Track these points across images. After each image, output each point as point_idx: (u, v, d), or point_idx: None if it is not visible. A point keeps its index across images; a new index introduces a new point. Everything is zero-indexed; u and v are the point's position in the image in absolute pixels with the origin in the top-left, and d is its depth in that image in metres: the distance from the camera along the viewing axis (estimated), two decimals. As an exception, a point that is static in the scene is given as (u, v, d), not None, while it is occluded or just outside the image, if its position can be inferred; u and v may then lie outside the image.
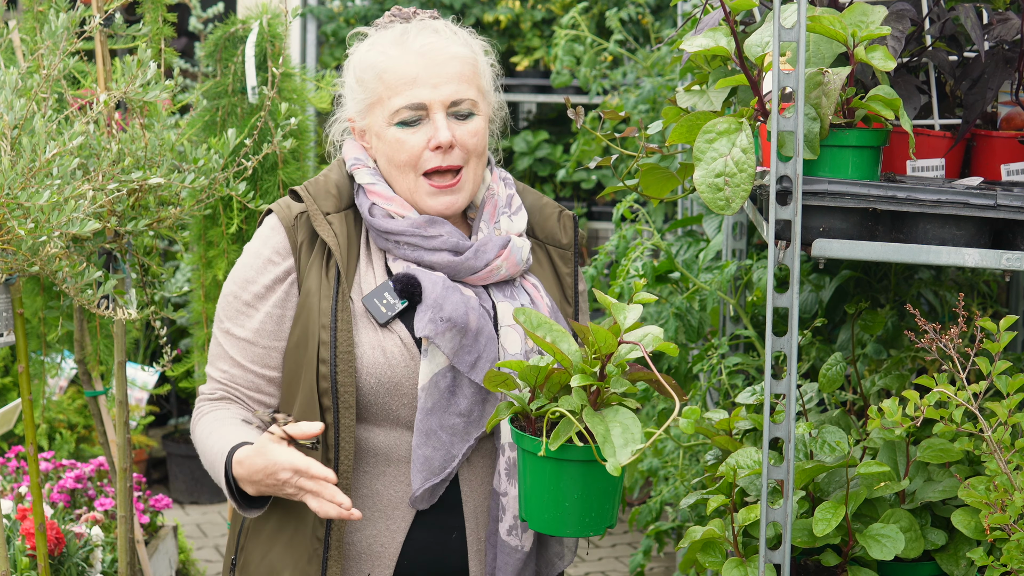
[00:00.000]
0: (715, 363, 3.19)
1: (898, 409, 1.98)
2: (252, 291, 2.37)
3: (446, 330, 2.29)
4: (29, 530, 3.41)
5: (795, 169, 1.92)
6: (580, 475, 2.09)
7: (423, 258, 2.36)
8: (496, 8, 6.44)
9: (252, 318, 2.36)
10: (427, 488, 2.31)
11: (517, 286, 2.42)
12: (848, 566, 2.14)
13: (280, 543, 2.35)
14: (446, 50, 2.36)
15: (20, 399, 2.98)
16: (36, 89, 2.55)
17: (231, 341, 2.38)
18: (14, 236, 2.44)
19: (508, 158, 6.62)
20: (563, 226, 2.52)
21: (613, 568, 5.38)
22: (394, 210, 2.37)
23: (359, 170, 2.41)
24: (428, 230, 2.36)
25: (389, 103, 2.35)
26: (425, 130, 2.35)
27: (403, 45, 2.36)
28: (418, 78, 2.33)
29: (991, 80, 2.25)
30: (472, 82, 2.38)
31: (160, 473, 6.26)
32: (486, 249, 2.37)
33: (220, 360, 2.40)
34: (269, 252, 2.37)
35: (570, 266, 2.51)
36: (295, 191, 2.41)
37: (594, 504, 2.12)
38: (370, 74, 2.37)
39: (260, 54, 3.46)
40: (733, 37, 2.01)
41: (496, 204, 2.45)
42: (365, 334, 2.32)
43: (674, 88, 4.49)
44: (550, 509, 2.13)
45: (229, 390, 2.39)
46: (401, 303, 2.33)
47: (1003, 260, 1.96)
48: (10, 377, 5.29)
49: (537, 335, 2.13)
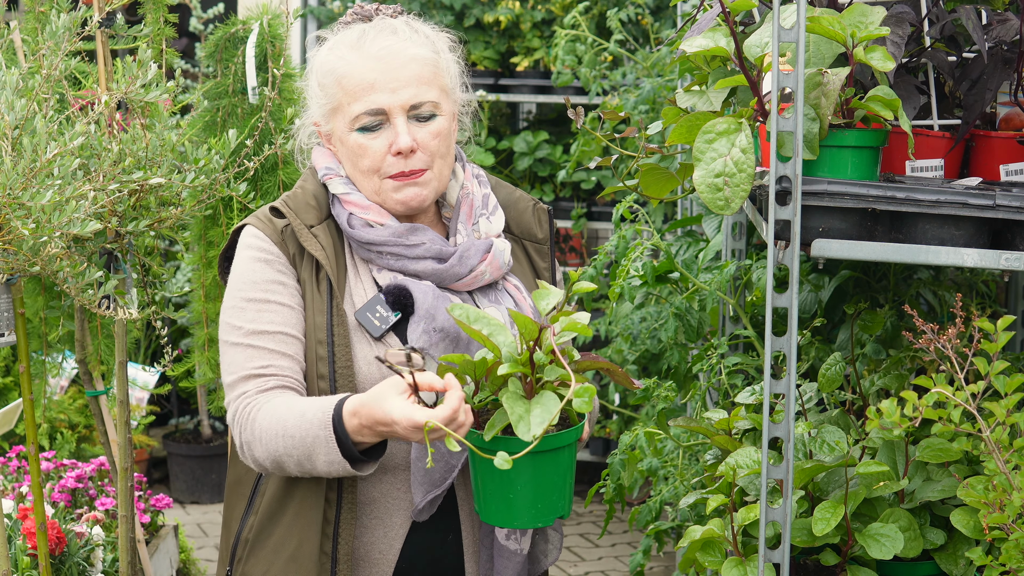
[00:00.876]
0: (715, 363, 3.19)
1: (897, 409, 1.99)
2: (266, 288, 2.30)
3: (439, 340, 2.28)
4: (30, 529, 3.42)
5: (794, 169, 1.92)
6: (524, 465, 2.05)
7: (407, 267, 2.34)
8: (496, 8, 6.44)
9: (279, 311, 2.29)
10: (428, 501, 2.30)
11: (500, 289, 2.42)
12: (847, 565, 2.14)
13: (282, 558, 2.29)
14: (404, 52, 2.31)
15: (21, 399, 2.98)
16: (37, 89, 2.55)
17: (265, 338, 2.27)
18: (16, 236, 2.45)
19: (508, 158, 6.62)
20: (538, 220, 2.50)
21: (613, 568, 5.38)
22: (372, 219, 2.34)
23: (332, 180, 2.38)
24: (410, 238, 2.33)
25: (349, 109, 2.31)
26: (386, 135, 2.31)
27: (360, 49, 2.31)
28: (376, 83, 2.29)
29: (990, 81, 2.25)
30: (433, 82, 2.33)
31: (161, 473, 6.26)
32: (470, 255, 2.36)
33: (255, 359, 2.27)
34: (266, 255, 2.32)
35: (547, 260, 2.50)
36: (275, 208, 2.35)
37: (542, 494, 2.09)
38: (330, 79, 2.34)
39: (261, 55, 3.46)
40: (732, 37, 2.02)
41: (472, 204, 2.42)
42: (360, 348, 2.30)
43: (674, 88, 4.49)
44: (497, 500, 2.10)
45: (281, 380, 2.27)
46: (394, 315, 2.30)
47: (1002, 260, 1.97)
48: (11, 377, 5.30)
49: (474, 328, 2.09)
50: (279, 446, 2.20)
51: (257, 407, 2.24)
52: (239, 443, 2.27)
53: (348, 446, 2.15)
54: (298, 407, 2.19)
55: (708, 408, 3.31)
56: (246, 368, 2.27)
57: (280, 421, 2.19)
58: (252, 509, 2.36)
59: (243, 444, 2.26)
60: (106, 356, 3.36)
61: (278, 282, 2.31)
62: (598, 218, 6.53)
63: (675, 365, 3.62)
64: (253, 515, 2.36)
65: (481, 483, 2.13)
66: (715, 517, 2.18)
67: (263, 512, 2.33)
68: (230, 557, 2.39)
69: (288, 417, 2.19)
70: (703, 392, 3.32)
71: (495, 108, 6.57)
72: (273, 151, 3.14)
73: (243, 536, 2.36)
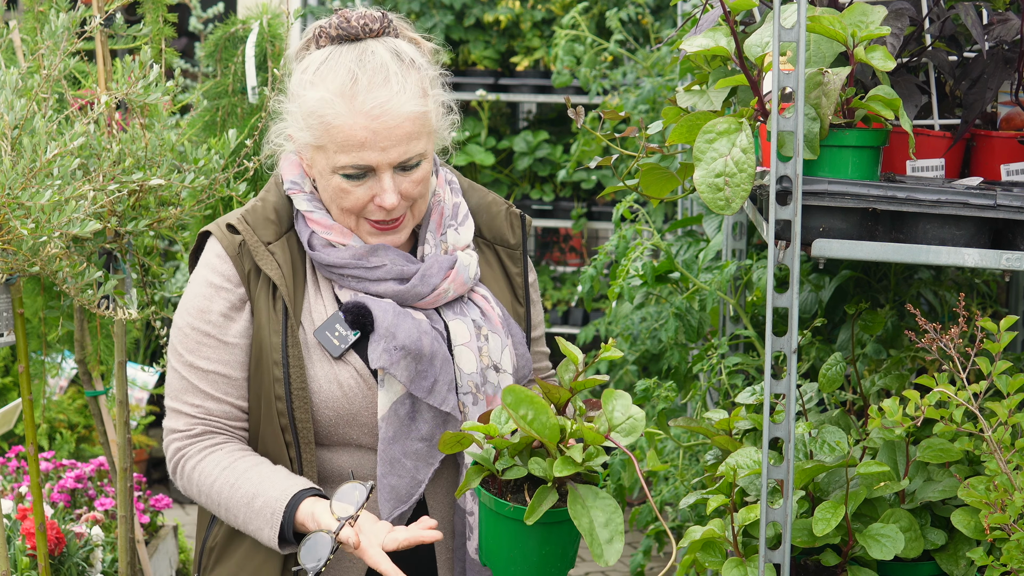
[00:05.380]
0: (715, 363, 3.19)
1: (898, 409, 1.98)
2: (210, 320, 2.28)
3: (400, 359, 2.25)
4: (29, 530, 3.41)
5: (795, 169, 1.92)
6: (543, 535, 2.11)
7: (368, 288, 2.31)
8: (496, 8, 6.44)
9: (217, 349, 2.28)
10: (396, 516, 2.29)
11: (467, 301, 2.38)
12: (848, 566, 2.14)
13: (249, 569, 2.31)
14: (398, 112, 2.21)
15: (20, 399, 2.98)
16: (37, 89, 2.55)
17: (198, 375, 2.29)
18: (15, 236, 2.44)
19: (508, 158, 6.62)
20: (511, 225, 2.47)
21: (613, 568, 5.38)
22: (335, 239, 2.31)
23: (296, 195, 2.33)
24: (370, 260, 2.30)
25: (335, 157, 2.24)
26: (371, 185, 2.26)
27: (352, 100, 2.21)
28: (366, 142, 2.21)
29: (991, 80, 2.25)
30: (422, 133, 2.26)
31: (160, 473, 6.25)
32: (431, 273, 2.32)
33: (188, 394, 2.30)
34: (219, 279, 2.29)
35: (519, 265, 2.47)
36: (231, 224, 2.31)
37: (556, 557, 2.14)
38: (315, 120, 2.24)
39: (260, 54, 3.46)
40: (733, 37, 2.01)
41: (443, 213, 2.39)
42: (320, 367, 2.28)
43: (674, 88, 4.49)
44: (514, 564, 2.15)
45: (208, 424, 2.31)
46: (354, 334, 2.28)
47: (1003, 260, 1.96)
48: (10, 377, 5.29)
49: (519, 414, 2.07)
50: (220, 513, 2.29)
51: (192, 463, 2.31)
52: (172, 477, 2.37)
53: (288, 538, 2.21)
54: (243, 489, 2.24)
55: (708, 408, 3.31)
56: (180, 400, 2.31)
57: (220, 495, 2.26)
58: (217, 519, 2.37)
59: (177, 485, 2.36)
60: (105, 356, 3.36)
61: (223, 315, 2.29)
62: (598, 218, 6.53)
63: (675, 365, 3.62)
64: (219, 524, 2.37)
65: (494, 544, 2.17)
66: (715, 517, 2.17)
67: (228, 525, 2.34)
68: (197, 564, 2.41)
69: (231, 496, 2.25)
70: (703, 392, 3.32)
71: (495, 108, 6.57)
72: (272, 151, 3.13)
73: (208, 545, 2.38)
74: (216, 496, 2.27)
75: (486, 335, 2.36)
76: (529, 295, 2.48)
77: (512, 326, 2.41)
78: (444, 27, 6.33)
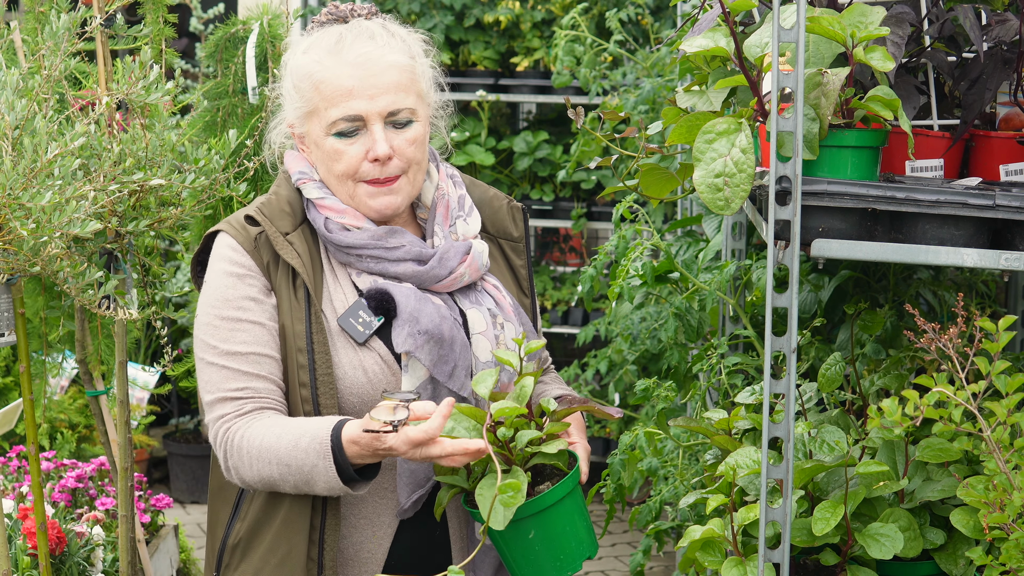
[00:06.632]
0: (714, 363, 3.19)
1: (897, 409, 1.99)
2: (239, 305, 2.29)
3: (425, 343, 2.28)
4: (30, 529, 3.42)
5: (794, 169, 1.92)
6: (533, 527, 2.17)
7: (387, 270, 2.34)
8: (496, 8, 6.44)
9: (251, 331, 2.29)
10: (412, 500, 2.31)
11: (480, 290, 2.42)
12: (847, 565, 2.14)
13: (271, 564, 2.30)
14: (382, 59, 2.30)
15: (21, 399, 2.98)
16: (37, 90, 2.55)
17: (238, 359, 2.28)
18: (16, 236, 2.45)
19: (508, 158, 6.62)
20: (513, 219, 2.51)
21: (613, 568, 5.38)
22: (349, 222, 2.34)
23: (306, 184, 2.37)
24: (389, 241, 2.33)
25: (326, 114, 2.30)
26: (363, 141, 2.31)
27: (338, 54, 2.30)
28: (354, 90, 2.29)
29: (990, 81, 2.25)
30: (410, 89, 2.33)
31: (161, 472, 6.26)
32: (449, 256, 2.36)
33: (230, 381, 2.28)
34: (241, 270, 2.30)
35: (522, 258, 2.51)
36: (250, 216, 2.34)
37: (560, 545, 2.20)
38: (306, 83, 2.33)
39: (261, 55, 3.46)
40: (732, 38, 2.02)
41: (448, 206, 2.42)
42: (344, 354, 2.29)
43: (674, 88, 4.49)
44: (523, 564, 2.22)
45: (258, 402, 2.28)
46: (377, 320, 2.30)
47: (1002, 260, 1.97)
48: (11, 377, 5.30)
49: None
50: (272, 472, 2.22)
51: (240, 432, 2.25)
52: (224, 466, 2.29)
53: (348, 471, 2.18)
54: (288, 435, 2.20)
55: (708, 408, 3.31)
56: (223, 389, 2.28)
57: (270, 449, 2.21)
58: (239, 515, 2.36)
59: (229, 467, 2.28)
60: (106, 356, 3.36)
61: (251, 298, 2.30)
62: (598, 218, 6.53)
63: (675, 365, 3.62)
64: (240, 521, 2.36)
65: (500, 548, 2.25)
66: (715, 517, 2.18)
67: (252, 518, 2.33)
68: (216, 563, 2.40)
69: (279, 446, 2.20)
70: (703, 392, 3.32)
71: (495, 108, 6.57)
72: (272, 151, 3.13)
73: (230, 542, 2.37)
74: (266, 452, 2.21)
75: (501, 323, 2.40)
76: (533, 286, 2.53)
77: (522, 315, 2.44)
78: (444, 27, 6.33)
